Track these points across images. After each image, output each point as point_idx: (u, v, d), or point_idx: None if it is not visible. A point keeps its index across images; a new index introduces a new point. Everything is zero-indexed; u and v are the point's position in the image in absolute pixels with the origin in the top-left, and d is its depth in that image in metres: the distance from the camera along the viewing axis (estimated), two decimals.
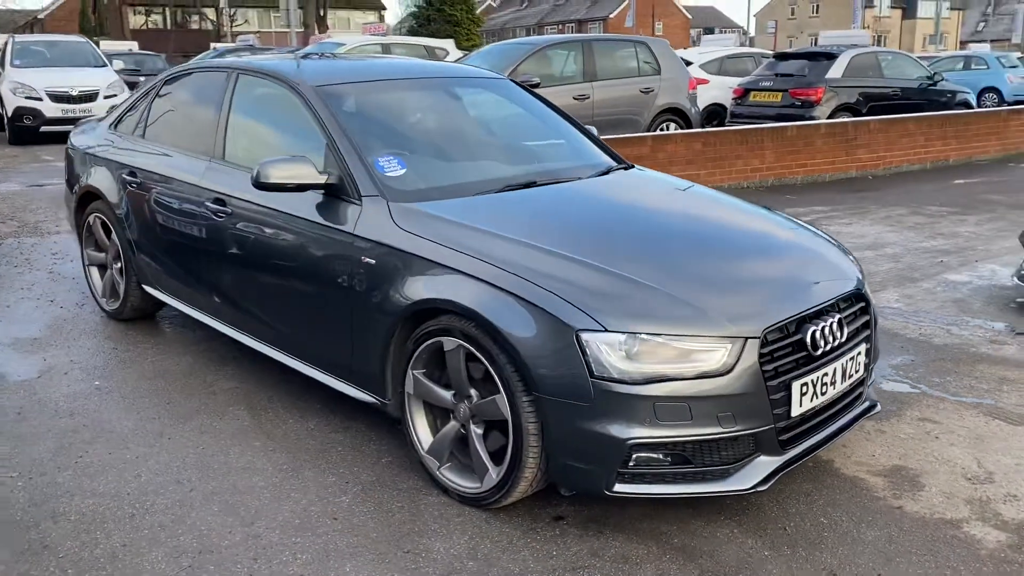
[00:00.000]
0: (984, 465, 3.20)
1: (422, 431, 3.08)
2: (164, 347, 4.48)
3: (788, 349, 2.73)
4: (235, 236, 3.69)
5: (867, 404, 3.17)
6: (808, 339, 2.75)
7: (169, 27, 51.43)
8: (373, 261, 3.09)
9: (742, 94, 12.24)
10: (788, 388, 2.69)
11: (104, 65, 14.89)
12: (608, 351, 2.54)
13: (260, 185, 3.23)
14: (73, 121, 13.71)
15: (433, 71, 4.23)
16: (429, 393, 3.01)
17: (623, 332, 2.55)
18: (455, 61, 11.39)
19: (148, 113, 4.55)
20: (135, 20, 53.67)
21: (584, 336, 2.56)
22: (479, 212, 3.18)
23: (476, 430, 2.88)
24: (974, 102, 13.25)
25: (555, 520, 2.85)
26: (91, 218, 4.84)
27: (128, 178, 4.41)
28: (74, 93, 13.76)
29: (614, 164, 4.01)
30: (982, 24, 71.36)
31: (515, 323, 2.66)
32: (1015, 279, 5.28)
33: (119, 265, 4.71)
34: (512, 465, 2.74)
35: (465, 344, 2.81)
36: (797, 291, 2.89)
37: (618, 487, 2.61)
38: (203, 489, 3.06)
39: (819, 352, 2.79)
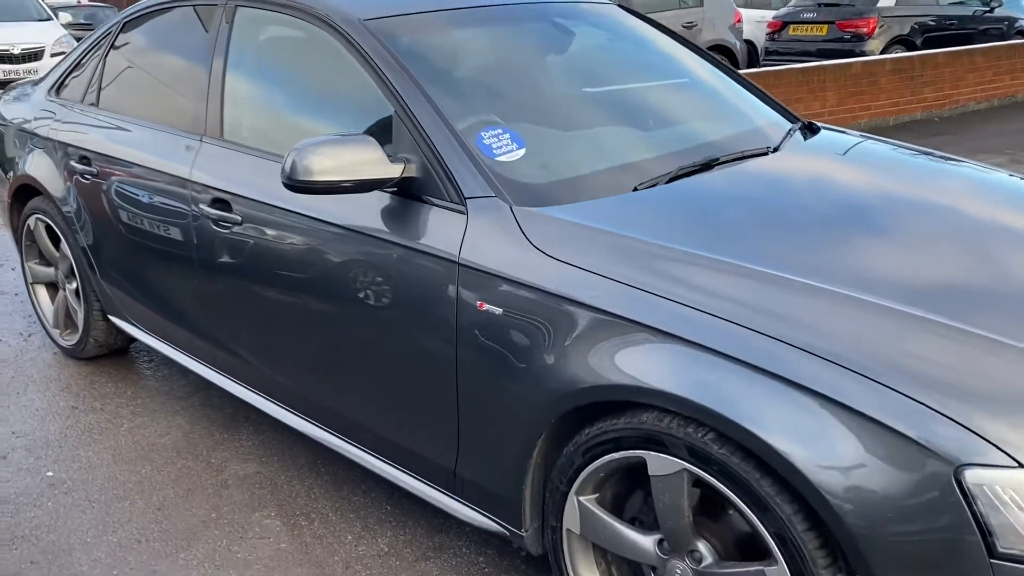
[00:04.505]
0: None
1: None
2: (145, 403, 3.19)
3: None
4: (249, 258, 2.40)
5: None
6: None
7: None
8: (498, 310, 1.83)
9: (779, 27, 10.87)
10: None
11: (49, 18, 13.17)
12: None
13: (296, 185, 1.94)
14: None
15: None
16: (610, 536, 1.78)
17: None
18: None
19: (102, 71, 3.19)
20: None
21: (972, 476, 1.33)
22: (665, 219, 1.92)
23: None
24: None
25: None
26: (31, 220, 3.50)
27: (78, 165, 3.08)
28: (16, 51, 12.03)
29: (790, 124, 2.75)
30: None
31: (812, 442, 1.43)
32: None
33: (75, 285, 3.40)
34: None
35: (696, 469, 1.57)
36: None
37: None
38: None
39: None
